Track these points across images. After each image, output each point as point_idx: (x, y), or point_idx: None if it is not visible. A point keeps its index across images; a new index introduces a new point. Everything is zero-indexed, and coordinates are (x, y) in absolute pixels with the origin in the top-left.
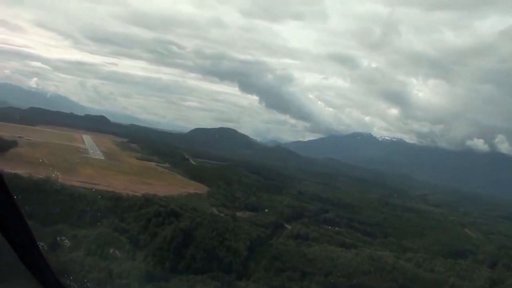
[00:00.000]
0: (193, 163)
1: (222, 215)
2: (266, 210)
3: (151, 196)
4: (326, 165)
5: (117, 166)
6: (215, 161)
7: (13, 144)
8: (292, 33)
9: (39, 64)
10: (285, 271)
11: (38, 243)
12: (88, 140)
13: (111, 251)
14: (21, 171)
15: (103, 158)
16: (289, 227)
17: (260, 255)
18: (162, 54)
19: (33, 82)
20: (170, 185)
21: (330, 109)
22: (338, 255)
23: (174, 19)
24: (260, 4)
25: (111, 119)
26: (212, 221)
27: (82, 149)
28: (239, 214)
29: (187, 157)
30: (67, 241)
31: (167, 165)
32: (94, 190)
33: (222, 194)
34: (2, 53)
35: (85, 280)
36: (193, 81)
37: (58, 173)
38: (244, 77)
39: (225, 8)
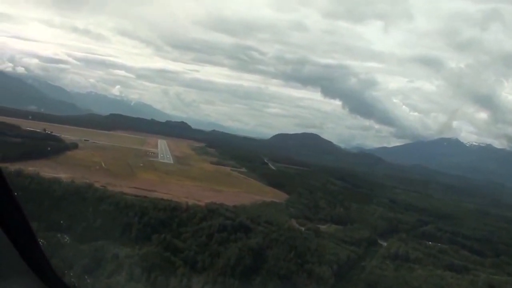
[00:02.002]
0: (273, 168)
1: (303, 229)
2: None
3: (216, 206)
4: (413, 171)
5: (185, 171)
6: (297, 166)
7: (72, 146)
8: (376, 35)
9: (122, 72)
10: None
11: (39, 240)
12: (162, 145)
13: (160, 276)
14: (64, 175)
15: (171, 162)
16: (384, 244)
17: (350, 283)
18: (243, 60)
19: (116, 90)
20: (243, 192)
21: (416, 113)
22: (449, 282)
23: (255, 24)
24: (343, 4)
25: (194, 126)
26: (290, 238)
27: (151, 153)
28: (323, 227)
29: (266, 161)
30: (106, 262)
31: (243, 169)
32: (147, 198)
33: (304, 204)
34: (87, 63)
35: (86, 277)
36: (275, 87)
37: (110, 178)
38: (327, 82)
39: (306, 10)
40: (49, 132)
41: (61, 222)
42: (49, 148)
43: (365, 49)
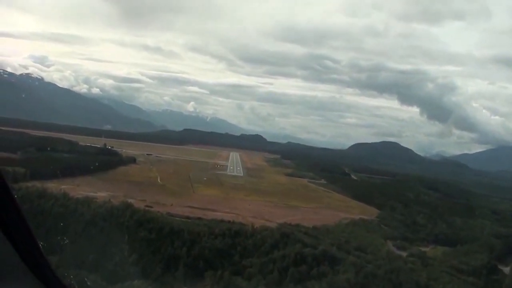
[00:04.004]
0: (355, 178)
1: (405, 255)
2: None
3: (292, 228)
4: (501, 178)
5: (255, 184)
6: (380, 176)
7: (129, 161)
8: (453, 36)
9: (196, 88)
10: None
11: (38, 242)
12: (233, 157)
13: None
14: (103, 193)
15: (241, 175)
16: (506, 270)
17: None
18: (316, 70)
19: (190, 107)
20: (323, 208)
21: (497, 117)
22: None
23: (327, 31)
24: (417, 5)
25: (269, 139)
26: (392, 270)
27: (220, 165)
28: (427, 250)
29: (347, 172)
30: None
31: (322, 181)
32: (202, 220)
33: (399, 220)
34: (161, 81)
35: (86, 279)
36: (350, 96)
37: (161, 196)
38: (403, 88)
39: (380, 14)
40: (109, 147)
41: (87, 255)
42: (97, 164)
43: (442, 51)
